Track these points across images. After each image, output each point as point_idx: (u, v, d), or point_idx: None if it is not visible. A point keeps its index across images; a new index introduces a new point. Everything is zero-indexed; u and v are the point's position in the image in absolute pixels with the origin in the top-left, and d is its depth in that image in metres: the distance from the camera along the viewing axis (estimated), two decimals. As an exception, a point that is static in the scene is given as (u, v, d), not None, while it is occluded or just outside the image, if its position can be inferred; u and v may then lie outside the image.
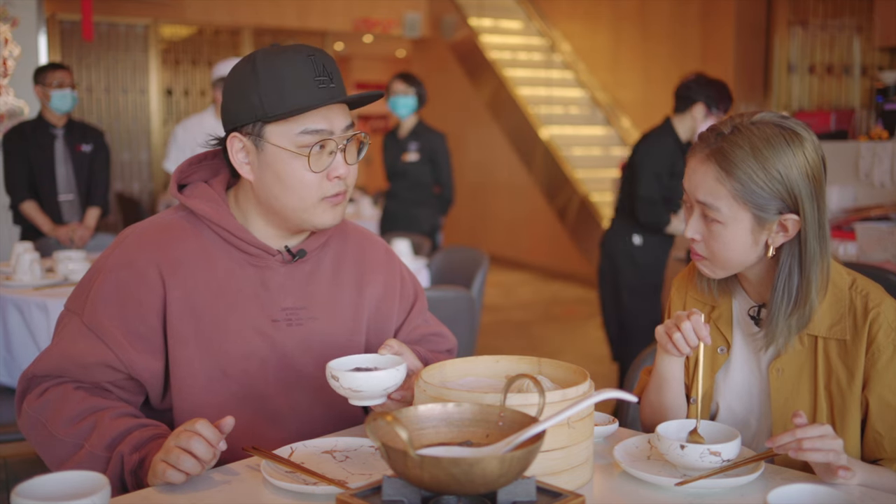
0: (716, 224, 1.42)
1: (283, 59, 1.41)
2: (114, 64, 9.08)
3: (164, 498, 1.24)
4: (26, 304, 2.88)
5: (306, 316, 1.53)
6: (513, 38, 10.44)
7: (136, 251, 1.47)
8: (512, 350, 5.62)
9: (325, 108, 1.42)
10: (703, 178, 1.42)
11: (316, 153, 1.42)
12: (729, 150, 1.39)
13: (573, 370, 1.40)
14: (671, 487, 1.25)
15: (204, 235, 1.49)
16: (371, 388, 1.32)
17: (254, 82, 1.41)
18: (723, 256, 1.45)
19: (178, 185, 1.52)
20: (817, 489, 1.07)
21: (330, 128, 1.42)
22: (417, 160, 4.95)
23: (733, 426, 1.56)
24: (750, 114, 1.44)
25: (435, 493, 1.04)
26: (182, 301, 1.45)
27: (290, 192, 1.43)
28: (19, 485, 1.03)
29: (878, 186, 4.64)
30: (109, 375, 1.44)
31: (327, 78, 1.42)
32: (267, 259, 1.51)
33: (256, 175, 1.45)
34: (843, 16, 6.76)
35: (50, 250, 4.03)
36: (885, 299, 1.44)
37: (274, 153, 1.42)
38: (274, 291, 1.51)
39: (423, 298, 1.74)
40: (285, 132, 1.41)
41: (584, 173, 8.80)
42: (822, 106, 6.88)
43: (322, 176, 1.43)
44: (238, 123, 1.44)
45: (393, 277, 1.68)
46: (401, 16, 10.47)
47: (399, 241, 3.74)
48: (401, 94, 4.86)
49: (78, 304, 1.47)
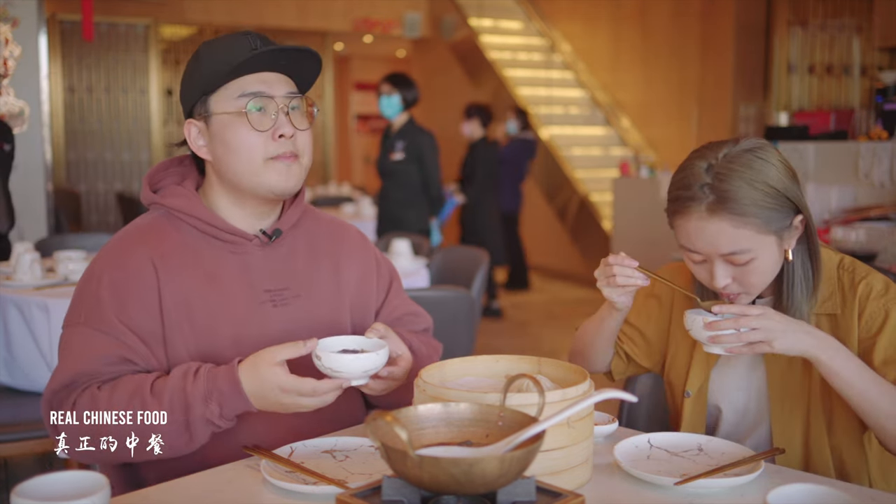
0: (750, 262, 1.42)
1: (221, 41, 1.52)
2: (114, 64, 9.08)
3: (164, 498, 1.24)
4: (26, 304, 2.87)
5: (290, 295, 1.57)
6: (513, 38, 10.44)
7: (125, 251, 1.49)
8: (512, 350, 5.62)
9: (262, 74, 1.49)
10: (718, 233, 1.40)
11: (257, 115, 1.48)
12: (730, 195, 1.38)
13: (573, 370, 1.40)
14: (671, 487, 1.25)
15: (183, 230, 1.53)
16: (351, 370, 1.36)
17: (196, 64, 1.51)
18: (761, 283, 1.46)
19: (150, 190, 1.57)
20: (817, 489, 1.07)
21: (268, 91, 1.48)
22: (403, 159, 4.93)
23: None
24: (710, 153, 1.42)
25: (434, 493, 1.04)
26: (174, 291, 1.48)
27: (238, 156, 1.48)
28: (19, 485, 1.03)
29: (878, 186, 4.64)
30: (128, 368, 1.43)
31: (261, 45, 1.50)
32: (244, 244, 1.55)
33: (212, 152, 1.52)
34: (842, 16, 6.76)
35: (50, 250, 4.03)
36: (872, 272, 1.49)
37: (220, 122, 1.49)
38: (255, 274, 1.55)
39: (398, 279, 1.79)
40: (226, 98, 1.48)
41: (584, 173, 8.81)
42: (821, 106, 6.89)
43: (267, 136, 1.48)
44: (189, 105, 1.53)
45: (368, 259, 1.73)
46: (401, 16, 10.47)
47: (399, 241, 3.74)
48: (385, 94, 4.92)
49: (77, 316, 1.47)
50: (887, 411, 1.34)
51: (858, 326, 1.46)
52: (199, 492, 1.25)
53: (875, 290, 1.46)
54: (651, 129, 8.78)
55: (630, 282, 1.49)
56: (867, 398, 1.35)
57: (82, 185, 9.00)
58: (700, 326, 1.40)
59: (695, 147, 1.49)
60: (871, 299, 1.45)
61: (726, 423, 1.59)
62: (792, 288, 1.48)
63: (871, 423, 1.37)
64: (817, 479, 1.32)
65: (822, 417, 1.48)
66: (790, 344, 1.36)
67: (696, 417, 1.60)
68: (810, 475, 1.34)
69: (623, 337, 1.70)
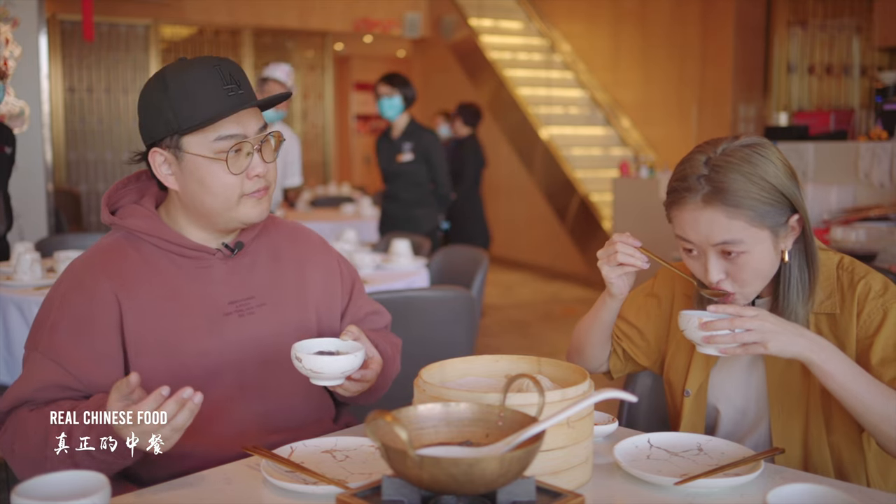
0: (741, 256, 1.42)
1: (191, 73, 1.48)
2: (114, 64, 9.08)
3: (164, 498, 1.24)
4: (27, 304, 2.88)
5: (255, 304, 1.59)
6: (513, 38, 10.44)
7: (84, 275, 1.51)
8: (512, 350, 5.62)
9: (236, 115, 1.49)
10: (711, 223, 1.41)
11: (233, 157, 1.49)
12: (724, 186, 1.39)
13: (573, 370, 1.40)
14: (671, 487, 1.25)
15: (144, 249, 1.55)
16: (330, 371, 1.41)
17: (165, 98, 1.47)
18: (755, 280, 1.46)
19: (109, 211, 1.58)
20: (817, 489, 1.07)
21: (243, 132, 1.50)
22: (412, 160, 4.94)
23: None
24: (709, 148, 1.44)
25: (434, 492, 1.04)
26: (137, 312, 1.49)
27: (214, 196, 1.50)
28: (19, 485, 1.04)
29: (878, 186, 4.64)
30: (64, 395, 1.45)
31: (235, 85, 1.49)
32: (207, 259, 1.57)
33: (181, 184, 1.52)
34: (842, 16, 6.76)
35: (50, 250, 4.03)
36: (871, 271, 1.49)
37: (194, 162, 1.49)
38: (219, 287, 1.57)
39: (359, 279, 1.82)
40: (201, 141, 1.48)
41: (583, 173, 8.81)
42: (821, 106, 6.89)
43: (242, 176, 1.51)
44: (156, 138, 1.51)
45: (330, 261, 1.75)
46: (401, 16, 10.47)
47: (399, 242, 3.74)
48: (385, 96, 4.88)
49: (34, 340, 1.50)
50: (881, 413, 1.34)
51: (857, 326, 1.46)
52: (199, 492, 1.25)
53: (874, 289, 1.46)
54: (651, 130, 8.78)
55: (630, 261, 1.49)
56: (862, 400, 1.35)
57: (82, 185, 9.00)
58: (695, 326, 1.40)
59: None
60: (870, 299, 1.45)
61: (726, 422, 1.59)
62: (788, 290, 1.48)
63: (866, 424, 1.37)
64: (817, 478, 1.32)
65: (821, 417, 1.48)
66: (784, 346, 1.36)
67: (695, 417, 1.60)
68: (810, 475, 1.34)
69: (621, 335, 1.70)
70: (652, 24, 8.56)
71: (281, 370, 1.56)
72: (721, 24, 7.62)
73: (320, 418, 1.65)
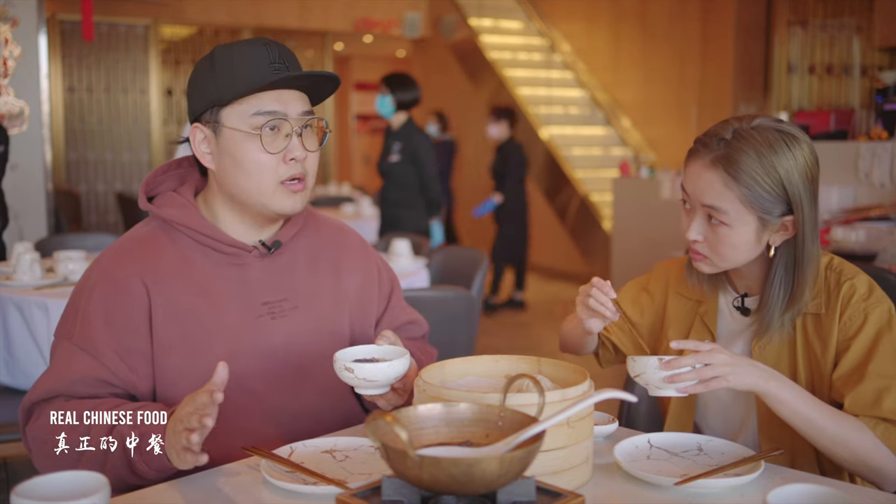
0: (722, 227, 1.44)
1: (239, 48, 1.46)
2: (114, 64, 9.08)
3: (163, 498, 1.24)
4: (26, 304, 2.88)
5: (288, 307, 1.55)
6: (513, 38, 10.44)
7: (116, 267, 1.47)
8: (512, 350, 5.62)
9: (278, 92, 1.45)
10: (709, 183, 1.43)
11: (269, 134, 1.44)
12: (735, 156, 1.41)
13: (573, 370, 1.40)
14: (671, 487, 1.25)
15: (180, 242, 1.50)
16: (384, 378, 1.36)
17: (211, 73, 1.45)
18: (728, 256, 1.47)
19: (146, 197, 1.54)
20: (817, 489, 1.07)
21: (283, 110, 1.45)
22: (399, 161, 4.92)
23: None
24: (747, 118, 1.46)
25: (434, 493, 1.04)
26: (166, 308, 1.45)
27: (248, 176, 1.46)
28: (19, 485, 1.03)
29: (878, 186, 4.64)
30: (104, 390, 1.43)
31: (282, 64, 1.46)
32: (243, 256, 1.52)
33: (217, 163, 1.48)
34: (842, 16, 6.76)
35: (50, 250, 4.03)
36: (859, 274, 1.49)
37: (230, 136, 1.45)
38: (254, 287, 1.52)
39: (398, 287, 1.77)
40: (240, 114, 1.44)
41: (584, 173, 8.81)
42: (821, 106, 6.89)
43: (278, 158, 1.45)
44: (198, 112, 1.48)
45: (370, 266, 1.70)
46: (401, 16, 10.47)
47: (399, 242, 3.73)
48: (380, 94, 4.95)
49: (66, 329, 1.47)
50: (832, 435, 1.36)
51: (838, 327, 1.46)
52: (199, 492, 1.25)
53: (858, 292, 1.46)
54: (651, 129, 8.79)
55: (599, 308, 1.47)
56: (814, 425, 1.37)
57: (82, 186, 9.00)
58: (654, 368, 1.37)
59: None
60: (853, 302, 1.45)
61: (714, 421, 1.60)
62: (770, 289, 1.49)
63: (820, 447, 1.39)
64: (817, 479, 1.32)
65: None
66: (742, 378, 1.37)
67: (683, 415, 1.61)
68: (810, 475, 1.34)
69: (612, 327, 1.71)
70: (652, 24, 8.56)
71: (308, 376, 1.52)
72: (721, 23, 7.62)
73: (348, 427, 1.59)
